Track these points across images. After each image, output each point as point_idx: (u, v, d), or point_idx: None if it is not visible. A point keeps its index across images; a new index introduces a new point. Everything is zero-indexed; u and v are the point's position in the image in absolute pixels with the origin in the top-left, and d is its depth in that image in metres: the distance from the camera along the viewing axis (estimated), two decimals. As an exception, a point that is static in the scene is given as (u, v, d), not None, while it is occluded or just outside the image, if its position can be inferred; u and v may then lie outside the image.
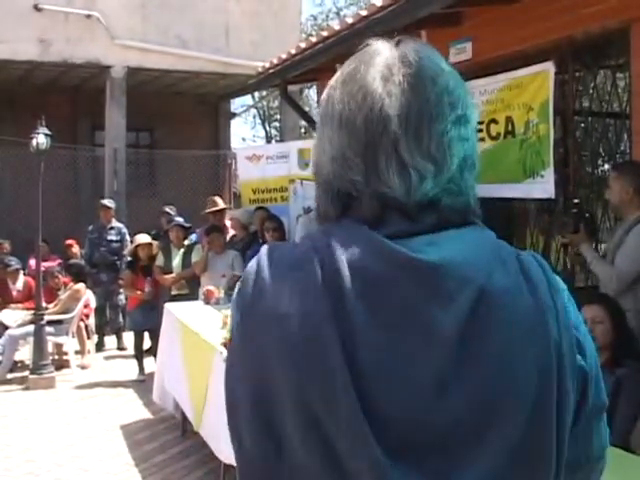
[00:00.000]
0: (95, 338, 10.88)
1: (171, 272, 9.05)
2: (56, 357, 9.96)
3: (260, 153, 10.34)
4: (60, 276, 10.27)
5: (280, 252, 1.07)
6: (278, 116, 23.70)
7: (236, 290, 1.10)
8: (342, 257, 1.01)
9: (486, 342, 1.00)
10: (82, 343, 10.08)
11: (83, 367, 9.86)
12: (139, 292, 9.24)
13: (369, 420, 0.96)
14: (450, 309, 1.00)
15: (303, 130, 20.77)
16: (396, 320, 0.99)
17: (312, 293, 0.99)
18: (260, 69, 10.25)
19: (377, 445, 0.95)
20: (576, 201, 4.78)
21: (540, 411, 1.01)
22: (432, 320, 0.99)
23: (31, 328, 9.08)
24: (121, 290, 10.78)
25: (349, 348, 0.97)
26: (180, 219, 9.99)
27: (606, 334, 3.78)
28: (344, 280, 0.99)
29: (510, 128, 6.11)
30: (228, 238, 9.41)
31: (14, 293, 10.54)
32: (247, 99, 22.58)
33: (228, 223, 9.76)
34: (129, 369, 9.54)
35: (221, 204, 9.84)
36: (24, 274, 10.87)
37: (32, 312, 9.29)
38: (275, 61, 9.61)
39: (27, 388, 8.76)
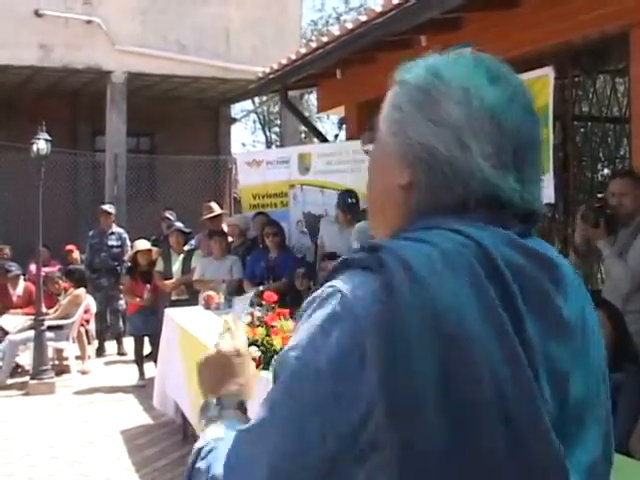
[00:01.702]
0: (95, 343, 10.88)
1: (171, 277, 9.06)
2: (56, 362, 9.95)
3: (260, 158, 10.33)
4: (60, 281, 10.27)
5: (426, 252, 1.03)
6: (278, 121, 23.72)
7: (374, 292, 1.00)
8: (496, 253, 1.05)
9: (591, 332, 1.14)
10: (82, 348, 10.08)
11: (83, 372, 9.86)
12: (138, 299, 9.25)
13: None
14: (570, 301, 1.11)
15: (303, 135, 20.81)
16: (540, 310, 1.06)
17: (481, 287, 1.02)
18: (260, 74, 10.27)
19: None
20: (600, 195, 4.75)
21: (607, 392, 1.17)
22: (561, 311, 1.09)
23: (31, 333, 9.08)
24: (121, 295, 10.78)
25: (521, 336, 1.02)
26: (180, 224, 9.99)
27: (605, 338, 3.77)
28: (504, 274, 1.04)
29: (510, 133, 6.11)
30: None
31: (14, 298, 10.55)
32: (247, 104, 22.59)
33: (226, 228, 9.77)
34: (129, 374, 9.54)
35: (217, 209, 9.84)
36: (24, 279, 10.88)
37: (32, 317, 9.30)
38: (275, 66, 9.63)
39: (27, 393, 8.75)
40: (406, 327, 0.97)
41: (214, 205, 9.91)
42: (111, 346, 11.14)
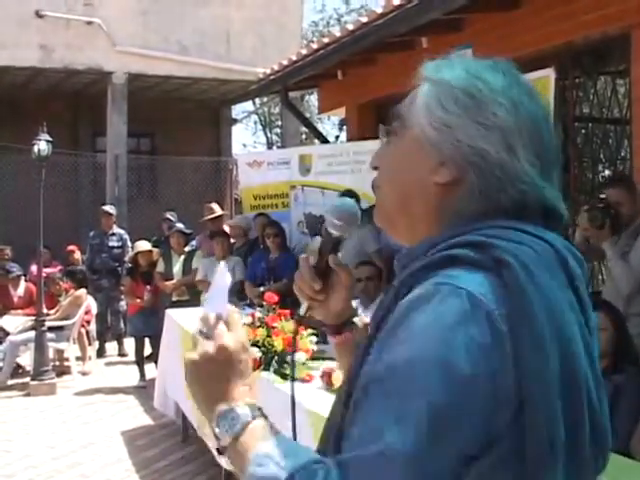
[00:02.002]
0: (96, 344, 10.88)
1: (172, 278, 9.06)
2: (57, 363, 9.95)
3: (261, 159, 10.34)
4: (61, 282, 10.27)
5: (528, 252, 1.07)
6: (279, 122, 23.71)
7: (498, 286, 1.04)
8: (570, 261, 1.12)
9: None
10: (83, 349, 10.08)
11: (84, 373, 9.86)
12: (138, 300, 9.26)
13: None
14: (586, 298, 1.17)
15: (304, 136, 20.78)
16: (585, 311, 1.13)
17: (566, 288, 1.09)
18: (261, 75, 10.27)
19: None
20: (602, 196, 4.70)
21: None
22: (591, 311, 1.15)
23: (32, 334, 9.08)
24: (122, 296, 10.78)
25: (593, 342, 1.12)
26: (181, 225, 9.99)
27: (608, 341, 3.79)
28: (575, 281, 1.11)
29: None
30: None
31: (15, 299, 10.55)
32: (248, 105, 22.57)
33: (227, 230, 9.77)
34: (130, 375, 9.54)
35: (218, 211, 9.84)
36: (25, 280, 10.88)
37: (33, 318, 9.30)
38: (276, 67, 9.62)
39: (28, 394, 8.75)
40: (539, 324, 1.01)
41: (215, 206, 9.92)
42: (112, 347, 11.13)
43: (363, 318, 1.48)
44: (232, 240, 9.39)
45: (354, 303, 1.47)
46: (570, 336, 1.04)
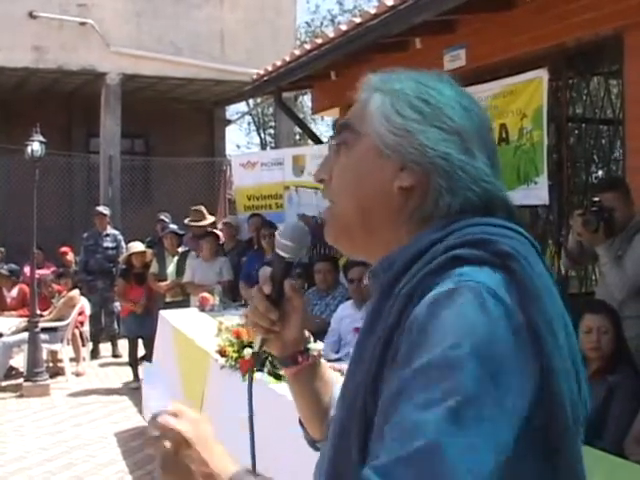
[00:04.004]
0: (90, 345, 10.86)
1: (165, 279, 9.04)
2: (51, 364, 9.93)
3: (255, 160, 10.34)
4: (54, 285, 10.25)
5: (521, 245, 1.13)
6: (273, 123, 23.70)
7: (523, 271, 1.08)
8: (538, 248, 1.17)
9: None
10: (77, 350, 10.06)
11: (78, 374, 9.84)
12: (131, 303, 9.25)
13: None
14: None
15: (298, 137, 20.78)
16: None
17: (549, 274, 1.15)
18: (255, 76, 10.26)
19: None
20: (596, 199, 4.68)
21: None
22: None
23: (25, 335, 9.06)
24: (116, 297, 10.75)
25: None
26: (174, 226, 9.97)
27: (610, 343, 3.80)
28: (547, 266, 1.17)
29: (504, 135, 6.12)
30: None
31: (8, 300, 10.53)
32: (242, 106, 22.53)
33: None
34: (124, 376, 9.53)
35: (206, 216, 9.76)
36: (19, 281, 10.85)
37: (27, 319, 9.28)
38: (270, 68, 9.62)
39: (21, 396, 8.73)
40: (549, 310, 1.08)
41: (202, 208, 9.82)
42: (105, 348, 11.11)
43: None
44: (222, 240, 9.38)
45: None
46: (567, 318, 1.12)
